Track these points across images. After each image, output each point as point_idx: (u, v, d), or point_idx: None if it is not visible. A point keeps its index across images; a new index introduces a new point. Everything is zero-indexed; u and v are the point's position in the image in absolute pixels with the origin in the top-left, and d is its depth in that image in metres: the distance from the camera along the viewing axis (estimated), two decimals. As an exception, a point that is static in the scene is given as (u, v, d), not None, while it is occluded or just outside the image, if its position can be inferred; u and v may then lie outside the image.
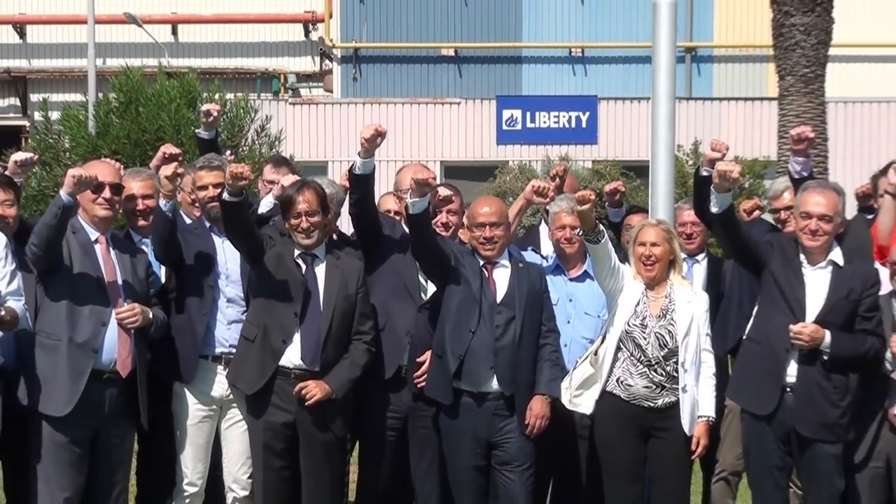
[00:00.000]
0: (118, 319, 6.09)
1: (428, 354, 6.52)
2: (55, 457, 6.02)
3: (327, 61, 26.20)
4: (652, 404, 6.37)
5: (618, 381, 6.40)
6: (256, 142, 15.33)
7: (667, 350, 6.36)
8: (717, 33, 25.69)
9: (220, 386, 6.56)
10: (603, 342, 6.48)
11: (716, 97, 24.77)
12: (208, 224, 6.67)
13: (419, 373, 6.55)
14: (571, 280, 6.95)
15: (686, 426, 6.36)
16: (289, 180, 6.53)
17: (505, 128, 24.37)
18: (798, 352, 6.32)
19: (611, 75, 25.41)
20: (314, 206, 6.34)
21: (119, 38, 24.99)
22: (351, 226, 6.81)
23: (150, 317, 6.21)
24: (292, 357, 6.34)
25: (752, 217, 7.74)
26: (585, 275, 6.91)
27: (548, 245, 7.27)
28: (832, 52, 11.77)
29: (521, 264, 6.62)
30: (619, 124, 24.08)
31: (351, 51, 25.81)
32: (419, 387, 6.54)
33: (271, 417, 6.35)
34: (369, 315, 6.52)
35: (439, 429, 6.48)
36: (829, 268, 6.40)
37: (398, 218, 6.93)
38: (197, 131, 7.80)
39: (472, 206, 6.61)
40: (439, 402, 6.43)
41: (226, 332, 6.56)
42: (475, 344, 6.35)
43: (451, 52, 25.80)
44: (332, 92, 25.94)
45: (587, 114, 24.32)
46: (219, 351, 6.56)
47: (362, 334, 6.47)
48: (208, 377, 6.56)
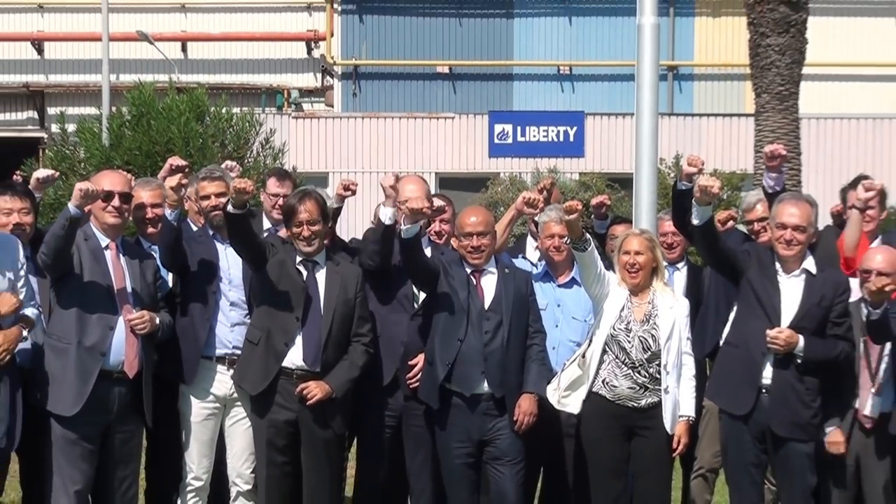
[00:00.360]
0: (129, 325, 6.09)
1: (420, 358, 6.51)
2: (66, 452, 6.02)
3: (328, 77, 26.20)
4: (636, 404, 6.36)
5: (603, 382, 6.39)
6: (261, 154, 15.32)
7: (650, 353, 6.36)
8: (698, 53, 25.72)
9: (223, 385, 6.56)
10: (590, 345, 6.47)
11: (696, 113, 24.78)
12: (211, 232, 6.67)
13: (411, 375, 6.54)
14: (559, 286, 6.94)
15: (668, 425, 6.36)
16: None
17: (496, 141, 24.36)
18: (773, 355, 6.32)
19: (597, 92, 25.42)
20: (315, 215, 6.35)
21: (132, 55, 24.98)
22: (350, 229, 6.80)
23: (157, 322, 6.20)
24: (294, 358, 6.33)
25: (727, 227, 7.73)
26: (573, 281, 6.90)
27: (533, 253, 7.26)
28: (805, 71, 11.80)
29: (507, 269, 6.60)
30: (605, 138, 24.09)
31: (351, 68, 25.81)
32: (412, 388, 6.53)
33: (274, 415, 6.34)
34: (367, 318, 6.51)
35: (432, 427, 6.47)
36: (803, 276, 6.41)
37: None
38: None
39: (460, 217, 6.60)
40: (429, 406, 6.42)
41: (228, 335, 6.56)
42: (465, 350, 6.34)
43: (446, 70, 25.80)
44: (332, 106, 25.94)
45: (574, 128, 24.32)
46: (222, 352, 6.56)
47: (361, 336, 6.46)
48: (212, 377, 6.57)
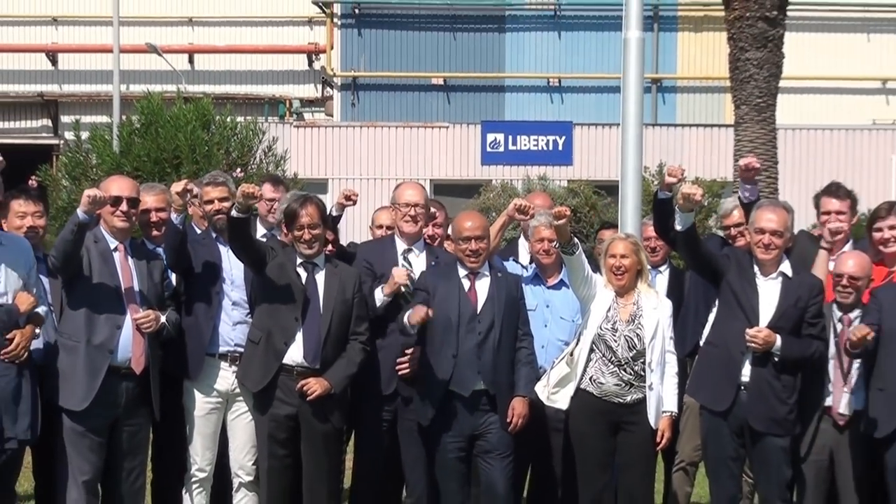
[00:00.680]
0: (136, 324, 6.08)
1: (414, 349, 6.49)
2: (76, 444, 6.03)
3: (328, 88, 26.18)
4: (621, 400, 6.36)
5: (591, 379, 6.38)
6: (264, 160, 15.32)
7: (635, 351, 6.35)
8: (680, 66, 25.73)
9: (225, 381, 6.55)
10: (577, 344, 6.46)
11: (679, 123, 24.79)
12: (215, 235, 6.66)
13: (403, 360, 6.51)
14: (549, 288, 6.93)
15: (652, 420, 6.36)
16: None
17: (489, 150, 24.35)
18: (752, 354, 6.32)
19: (585, 103, 25.41)
20: (315, 219, 6.35)
21: (141, 66, 24.95)
22: (349, 234, 6.79)
23: (162, 321, 6.20)
24: (295, 355, 6.32)
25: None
26: (561, 283, 6.89)
27: (525, 256, 7.25)
28: (782, 84, 11.76)
29: (499, 273, 6.59)
30: (592, 147, 24.10)
31: (350, 79, 25.80)
32: (401, 375, 6.51)
33: (275, 410, 6.33)
34: (364, 318, 6.49)
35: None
36: (780, 278, 6.42)
37: (389, 233, 6.92)
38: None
39: (457, 222, 6.58)
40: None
41: (231, 333, 6.55)
42: (460, 354, 6.33)
43: (441, 81, 25.79)
44: (332, 116, 25.92)
45: (563, 138, 24.32)
46: (224, 349, 6.55)
47: (358, 335, 6.45)
48: (215, 373, 6.55)
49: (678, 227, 6.40)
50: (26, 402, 5.75)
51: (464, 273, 6.47)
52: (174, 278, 6.63)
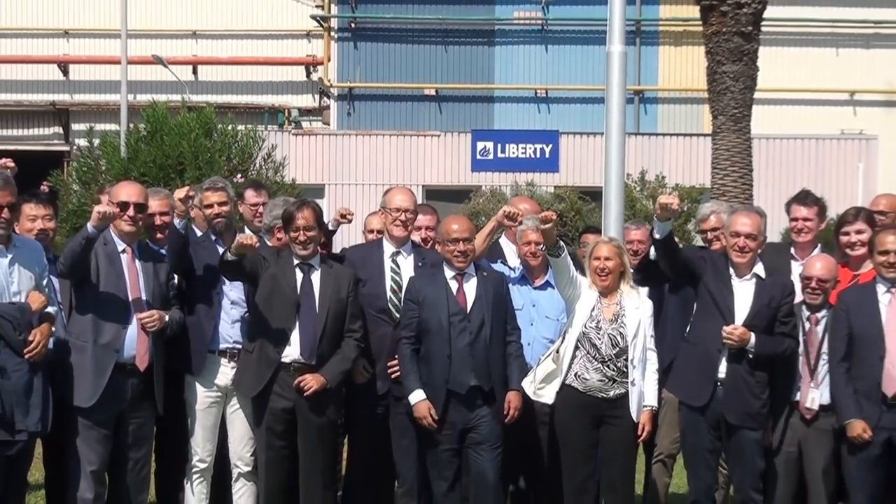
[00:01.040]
0: (140, 323, 6.08)
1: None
2: (84, 437, 6.04)
3: (325, 98, 26.19)
4: (605, 395, 6.34)
5: (575, 375, 6.37)
6: (263, 167, 15.30)
7: (618, 349, 6.34)
8: (661, 78, 25.77)
9: (225, 376, 6.55)
10: (563, 342, 6.46)
11: (660, 133, 24.84)
12: (214, 237, 6.67)
13: (394, 363, 6.50)
14: (535, 288, 6.91)
15: (634, 414, 6.34)
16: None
17: (478, 157, 24.38)
18: (728, 351, 6.33)
19: (570, 113, 25.44)
20: (311, 221, 6.36)
21: (148, 77, 24.96)
22: (343, 239, 6.77)
23: (166, 320, 6.19)
24: (292, 352, 6.31)
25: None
26: (547, 284, 6.87)
27: (512, 258, 7.23)
28: (757, 95, 11.79)
29: (485, 273, 6.58)
30: (578, 155, 24.12)
31: (346, 89, 25.80)
32: (394, 377, 6.51)
33: (273, 404, 6.32)
34: (358, 316, 6.48)
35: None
36: (754, 280, 6.45)
37: (380, 237, 6.90)
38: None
39: (444, 225, 6.56)
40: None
41: (230, 330, 6.56)
42: (455, 357, 6.32)
43: (433, 92, 25.80)
44: (329, 125, 25.93)
45: (550, 146, 24.35)
46: (224, 346, 6.56)
47: (353, 332, 6.44)
48: (215, 369, 6.56)
49: (656, 235, 6.39)
50: (37, 395, 5.74)
51: (451, 275, 6.46)
52: (178, 278, 6.63)
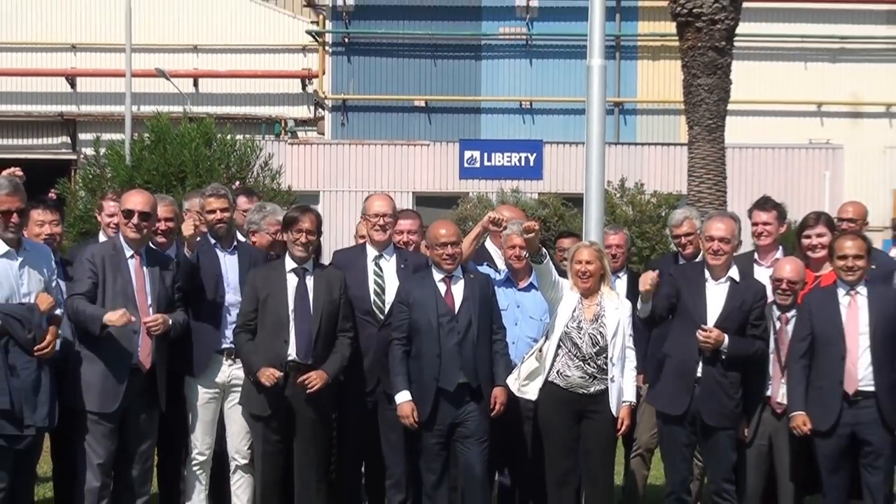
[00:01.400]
0: (145, 327, 6.05)
1: None
2: (91, 431, 6.04)
3: (320, 109, 26.19)
4: (585, 391, 6.35)
5: (558, 372, 6.37)
6: (261, 175, 15.27)
7: (598, 347, 6.35)
8: (640, 91, 25.83)
9: (223, 374, 6.54)
10: (546, 341, 6.46)
11: (638, 142, 24.88)
12: (213, 241, 6.64)
13: None
14: (519, 290, 6.91)
15: (613, 409, 6.34)
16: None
17: (466, 165, 24.38)
18: (703, 355, 6.34)
19: (553, 123, 25.47)
20: (314, 226, 6.39)
21: (151, 89, 24.94)
22: (336, 243, 6.75)
23: (170, 324, 6.17)
24: (289, 352, 6.29)
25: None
26: (531, 286, 6.87)
27: (499, 261, 7.22)
28: (730, 107, 11.83)
29: (472, 275, 6.58)
30: (560, 164, 24.15)
31: (340, 101, 25.80)
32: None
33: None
34: (350, 316, 6.46)
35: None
36: (728, 283, 6.46)
37: (362, 241, 6.89)
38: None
39: (431, 230, 6.54)
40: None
41: (227, 331, 6.52)
42: (444, 356, 6.31)
43: (422, 103, 25.82)
44: (323, 134, 25.93)
45: (534, 155, 24.36)
46: (224, 346, 6.54)
47: (346, 332, 6.43)
48: (215, 367, 6.55)
49: (640, 315, 6.46)
50: (45, 392, 5.74)
51: (440, 277, 6.46)
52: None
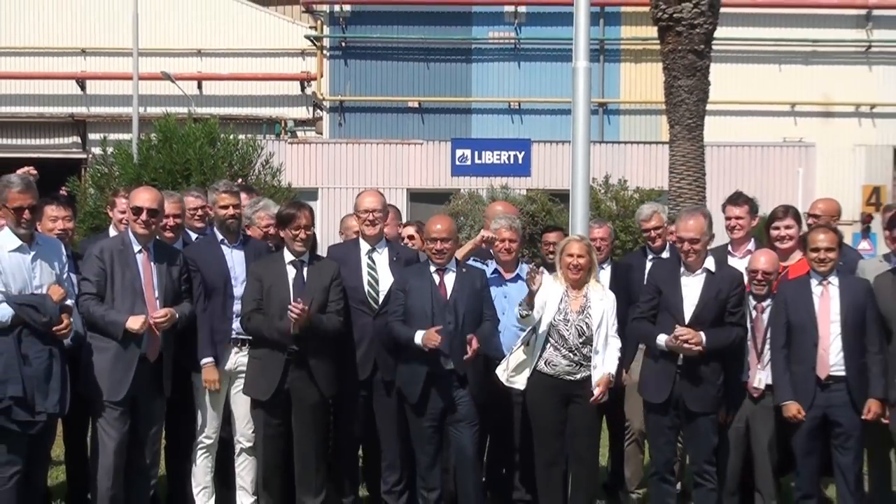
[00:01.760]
0: (152, 321, 6.04)
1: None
2: (105, 416, 6.06)
3: (318, 110, 26.19)
4: (571, 378, 6.36)
5: (546, 362, 6.39)
6: (262, 172, 15.31)
7: (584, 338, 6.35)
8: (623, 92, 25.88)
9: (230, 362, 6.53)
10: (532, 333, 6.47)
11: (622, 141, 24.93)
12: (220, 237, 6.62)
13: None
14: (507, 281, 6.94)
15: (596, 393, 6.34)
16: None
17: (458, 163, 24.42)
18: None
19: (541, 123, 25.51)
20: (310, 222, 6.40)
21: (157, 91, 24.91)
22: (329, 239, 6.75)
23: (176, 317, 6.16)
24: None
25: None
26: (517, 277, 6.89)
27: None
28: (709, 107, 11.88)
29: (464, 269, 6.59)
30: (547, 161, 24.19)
31: (337, 102, 25.82)
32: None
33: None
34: (340, 297, 6.40)
35: (403, 397, 6.46)
36: (704, 274, 6.41)
37: (355, 236, 6.89)
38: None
39: (428, 224, 6.59)
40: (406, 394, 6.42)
41: (234, 322, 6.51)
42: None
43: (416, 104, 25.84)
44: (322, 134, 25.94)
45: (523, 153, 24.40)
46: (231, 337, 6.51)
47: (334, 304, 6.37)
48: (221, 355, 6.51)
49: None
50: (56, 380, 5.73)
51: (433, 269, 6.49)
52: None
